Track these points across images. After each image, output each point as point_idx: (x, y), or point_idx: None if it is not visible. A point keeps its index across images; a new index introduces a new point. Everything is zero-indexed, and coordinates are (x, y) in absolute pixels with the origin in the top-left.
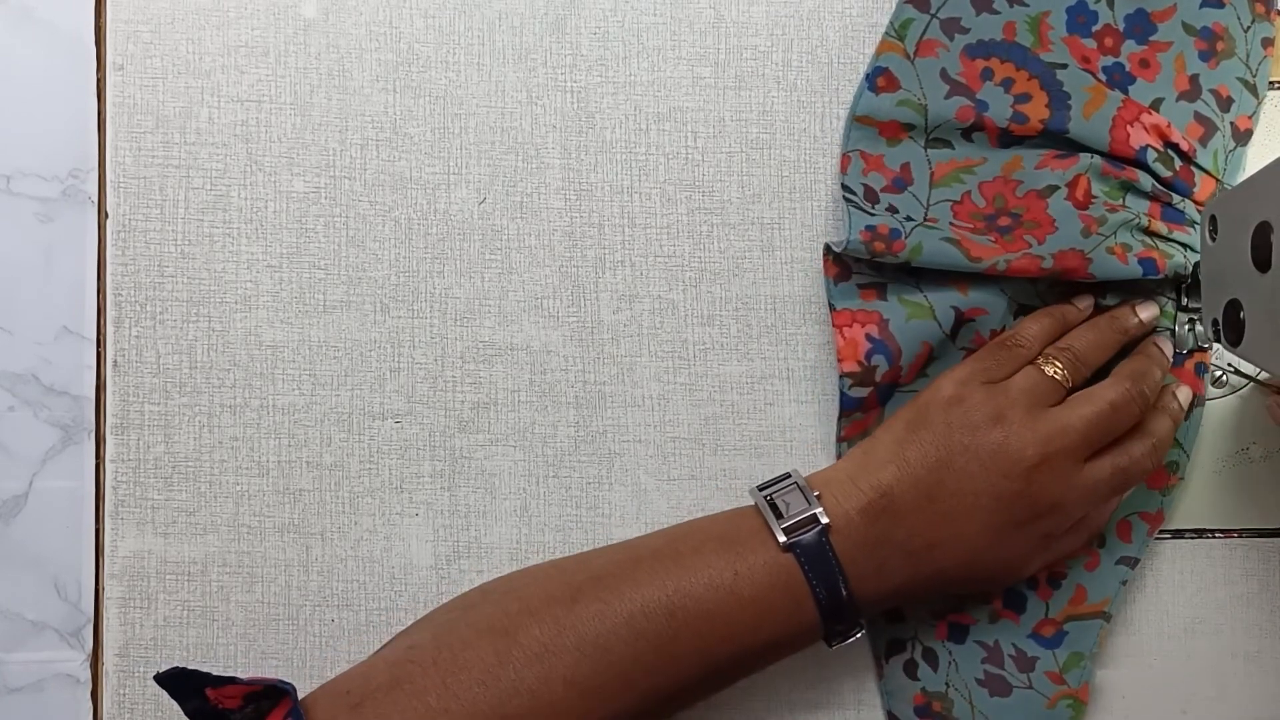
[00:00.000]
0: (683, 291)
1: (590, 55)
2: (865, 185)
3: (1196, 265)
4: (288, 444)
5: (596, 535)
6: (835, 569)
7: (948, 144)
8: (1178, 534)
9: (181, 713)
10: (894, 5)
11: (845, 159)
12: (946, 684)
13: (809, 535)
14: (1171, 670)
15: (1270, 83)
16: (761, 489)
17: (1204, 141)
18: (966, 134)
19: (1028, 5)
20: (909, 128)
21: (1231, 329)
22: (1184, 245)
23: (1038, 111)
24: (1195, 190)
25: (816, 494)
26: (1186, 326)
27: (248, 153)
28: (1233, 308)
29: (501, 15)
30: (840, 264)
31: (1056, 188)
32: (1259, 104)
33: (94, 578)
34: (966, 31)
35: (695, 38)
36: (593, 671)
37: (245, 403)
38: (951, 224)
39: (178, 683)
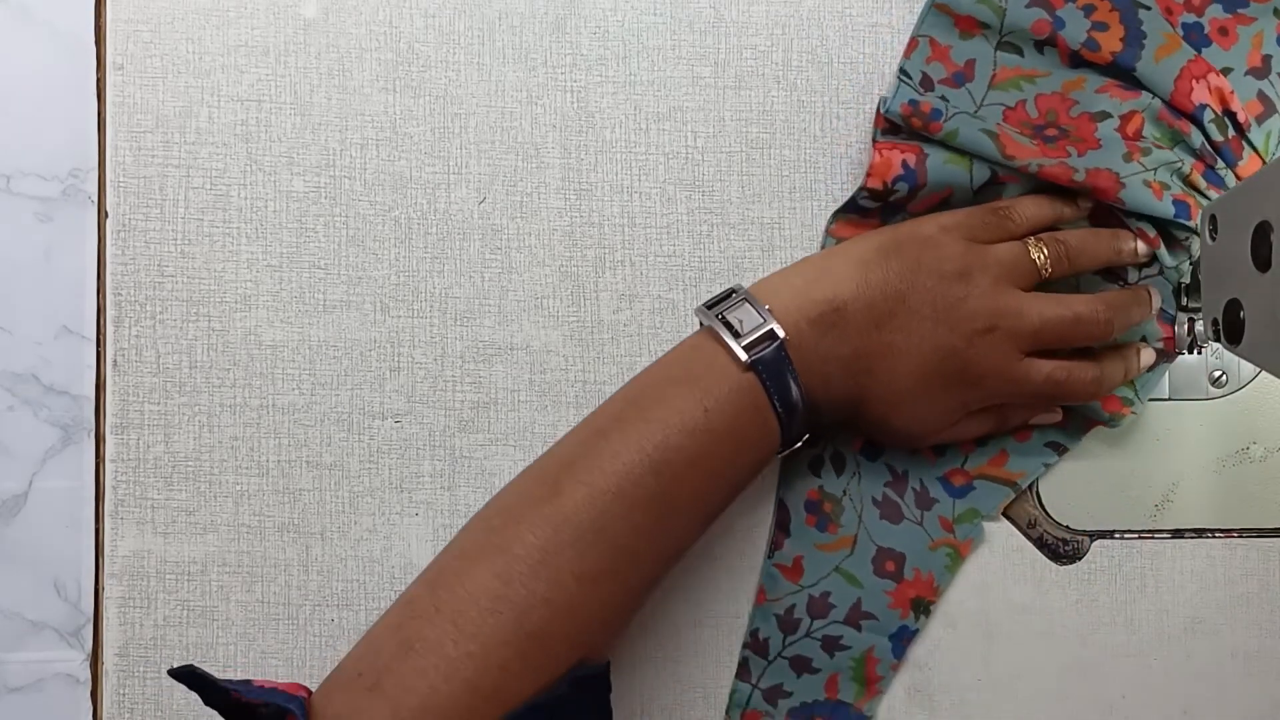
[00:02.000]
0: (683, 291)
1: (590, 55)
2: (924, 73)
3: (1196, 265)
4: (288, 444)
5: None
6: (792, 379)
7: (1018, 50)
8: (1177, 534)
9: (181, 713)
10: (894, 5)
11: (913, 42)
12: (844, 491)
13: (767, 350)
14: (1171, 670)
15: None
16: (710, 306)
17: (1260, 120)
18: (1038, 46)
19: None
20: (984, 26)
21: (1231, 329)
22: None
23: (1110, 43)
24: (1241, 164)
25: (767, 307)
26: (1186, 326)
27: (248, 153)
28: (1233, 308)
29: (501, 15)
30: (889, 121)
31: (1109, 115)
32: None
33: (94, 577)
34: None
35: (695, 38)
36: (598, 557)
37: (245, 403)
38: (998, 124)
39: (193, 680)
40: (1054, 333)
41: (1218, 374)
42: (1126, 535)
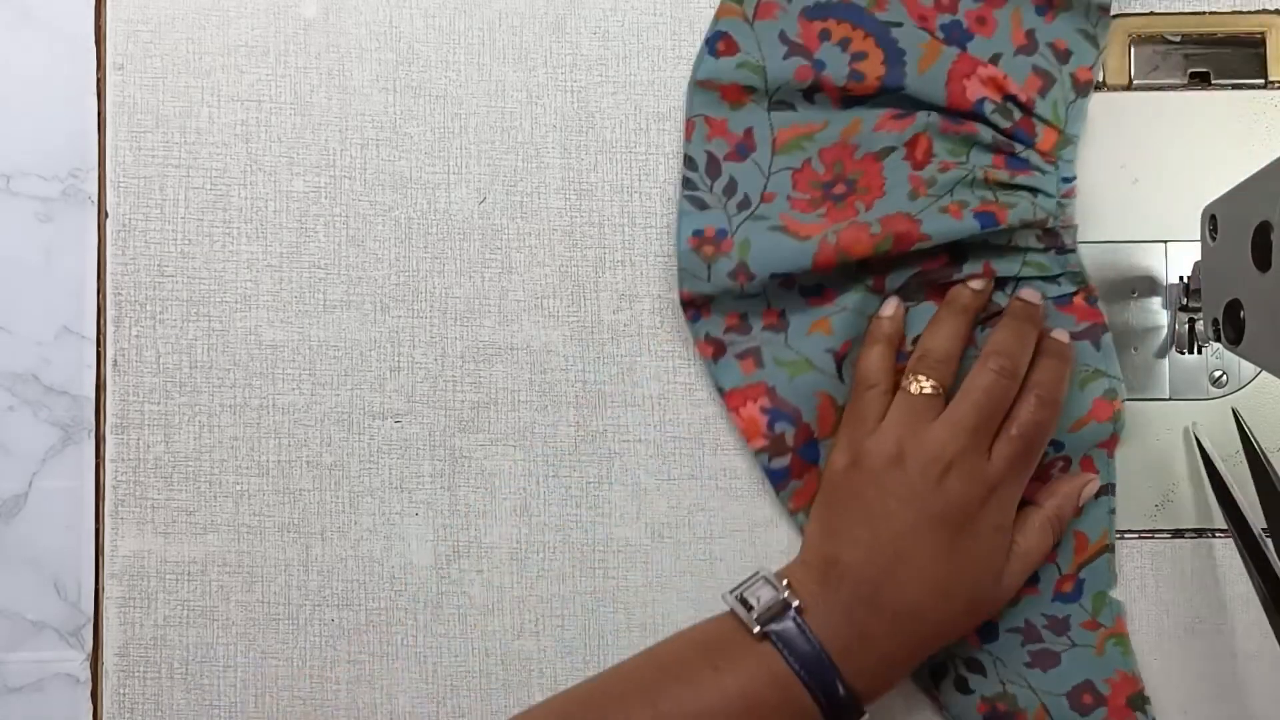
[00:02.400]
0: None
1: (590, 55)
2: (708, 153)
3: (1197, 264)
4: (288, 444)
5: (596, 535)
6: (816, 648)
7: (790, 106)
8: (1178, 534)
9: (181, 713)
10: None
11: (689, 124)
12: (1001, 683)
13: (784, 622)
14: (1171, 670)
15: (1270, 82)
16: (733, 590)
17: (1043, 93)
18: (808, 95)
19: None
20: (750, 90)
21: (1231, 329)
22: (1031, 190)
23: (874, 69)
24: (1038, 139)
25: (785, 582)
26: (1186, 326)
27: (248, 153)
28: (1233, 308)
29: (501, 15)
30: (710, 342)
31: (893, 149)
32: (1099, 53)
33: (94, 578)
34: None
35: (695, 38)
36: None
37: (245, 403)
38: (789, 197)
39: None
40: (985, 418)
41: (1218, 374)
42: (1126, 535)
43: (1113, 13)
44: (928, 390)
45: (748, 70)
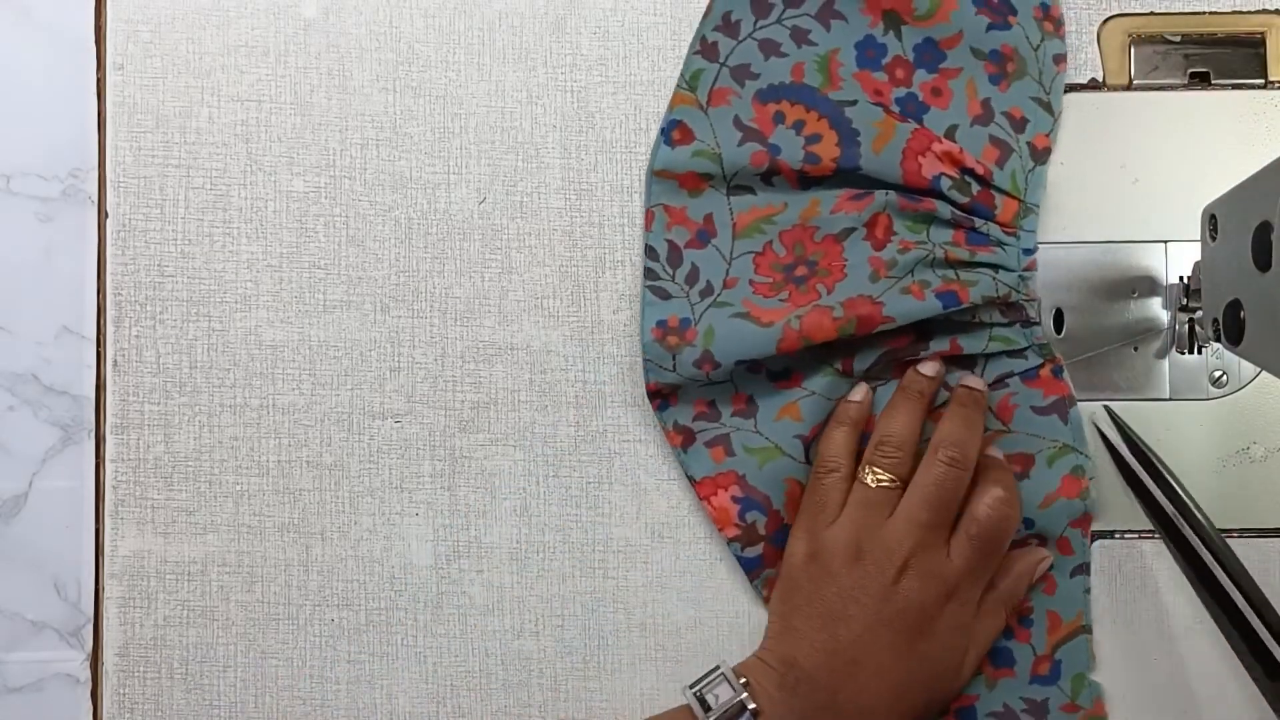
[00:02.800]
0: None
1: (590, 55)
2: (669, 241)
3: (1197, 264)
4: (288, 444)
5: (596, 535)
6: None
7: (749, 190)
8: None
9: (181, 713)
10: None
11: (649, 215)
12: None
13: None
14: (1171, 670)
15: (1270, 82)
16: (692, 686)
17: (1000, 164)
18: (765, 178)
19: (816, 44)
20: (708, 177)
21: (1231, 329)
22: (992, 266)
23: (829, 151)
24: (997, 211)
25: (743, 680)
26: (1186, 326)
27: (248, 153)
28: (1233, 308)
29: (501, 15)
30: (679, 430)
31: (853, 229)
32: (1055, 120)
33: (94, 578)
34: (757, 77)
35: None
36: None
37: (245, 403)
38: (751, 280)
39: None
40: (939, 510)
41: (1218, 374)
42: (1126, 535)
43: (1113, 12)
44: (884, 482)
45: (704, 158)
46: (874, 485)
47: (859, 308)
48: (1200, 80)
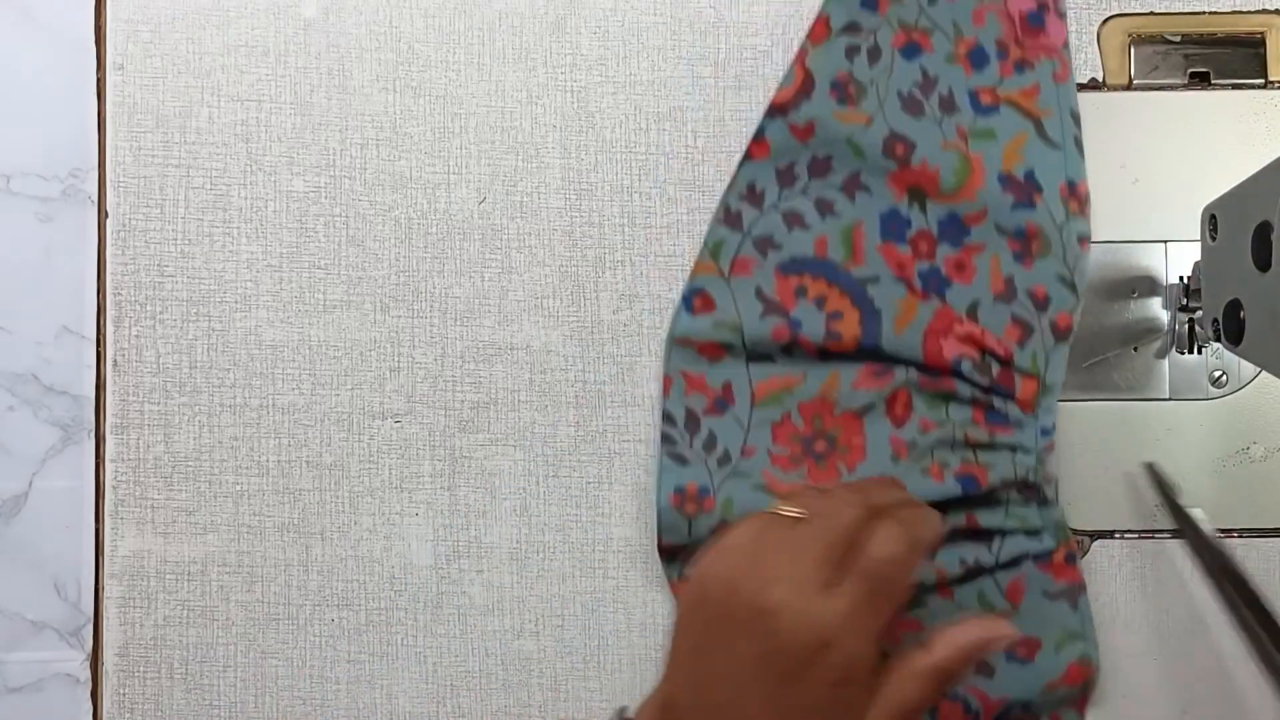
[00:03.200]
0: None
1: (590, 55)
2: (687, 408)
3: (1197, 264)
4: (288, 444)
5: (596, 535)
6: None
7: (769, 359)
8: (1177, 534)
9: (181, 713)
10: None
11: (667, 381)
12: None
13: None
14: (1171, 670)
15: (1270, 82)
16: None
17: (1021, 344)
18: (786, 350)
19: (840, 215)
20: (728, 347)
21: (1231, 329)
22: (1011, 448)
23: (850, 329)
24: (1016, 391)
25: None
26: (1186, 326)
27: (248, 153)
28: (1233, 308)
29: (501, 15)
30: (668, 551)
31: (873, 405)
32: (1079, 301)
33: (94, 578)
34: (779, 248)
35: (695, 38)
36: None
37: (245, 403)
38: (769, 451)
39: None
40: (824, 543)
41: (1218, 374)
42: (1126, 535)
43: (1113, 12)
44: (791, 514)
45: (725, 329)
46: (774, 512)
47: None
48: (1200, 80)
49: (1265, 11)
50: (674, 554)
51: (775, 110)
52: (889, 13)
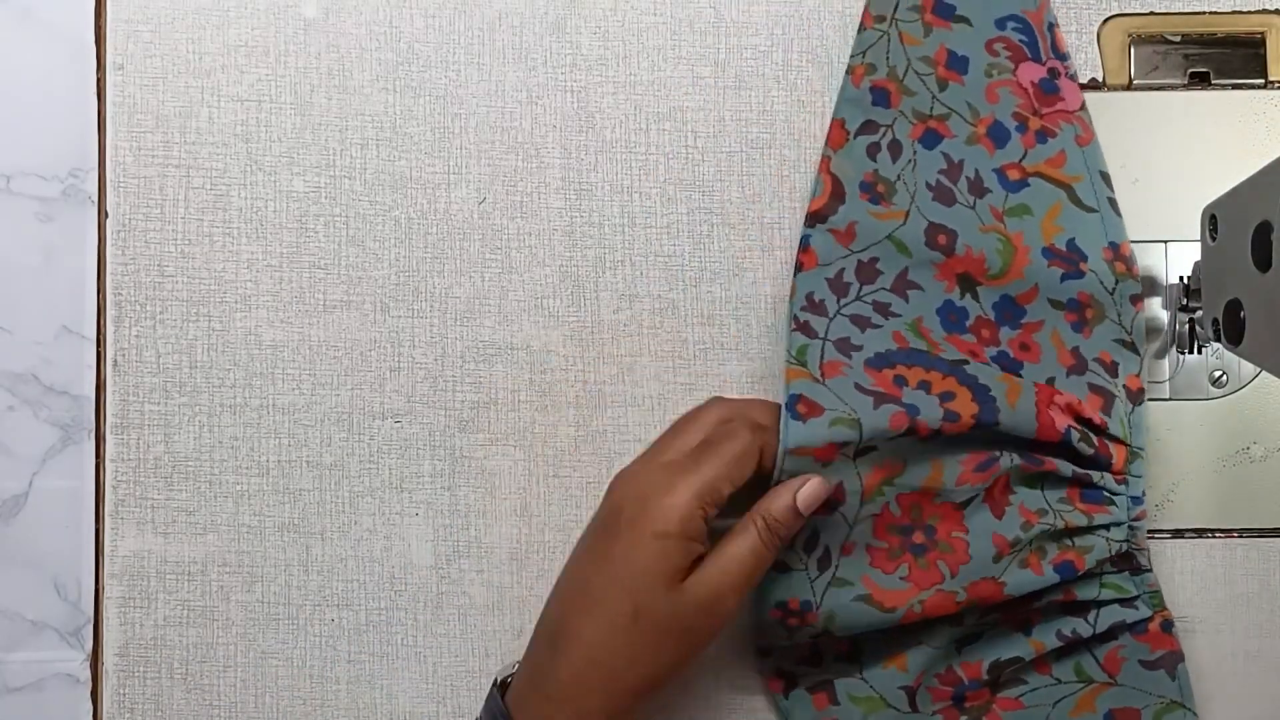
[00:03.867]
0: (683, 291)
1: (590, 55)
2: None
3: (1197, 264)
4: (288, 444)
5: None
6: (497, 702)
7: (874, 448)
8: (1177, 534)
9: (181, 713)
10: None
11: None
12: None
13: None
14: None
15: (1270, 82)
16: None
17: (1108, 411)
18: (895, 440)
19: (900, 315)
20: (844, 445)
21: (1231, 329)
22: (1107, 526)
23: (967, 408)
24: (1114, 460)
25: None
26: (1187, 326)
27: (248, 153)
28: (1233, 308)
29: (501, 15)
30: (781, 675)
31: (973, 497)
32: (1142, 360)
33: (94, 578)
34: (860, 348)
35: (695, 38)
36: None
37: (245, 403)
38: (868, 546)
39: None
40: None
41: (1218, 374)
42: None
43: (1113, 12)
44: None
45: (842, 425)
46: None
47: (981, 590)
48: (1200, 80)
49: (1265, 11)
50: (769, 652)
51: (813, 218)
52: (902, 104)
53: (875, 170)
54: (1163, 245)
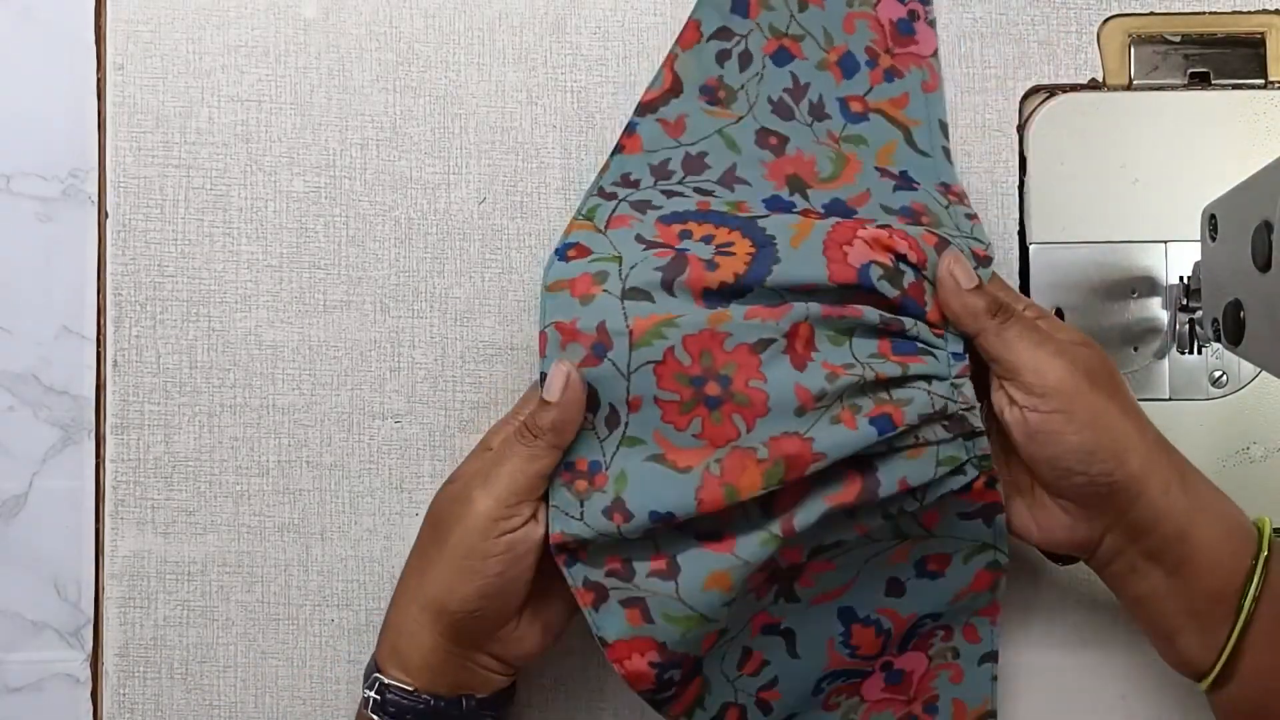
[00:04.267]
0: None
1: (590, 55)
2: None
3: (1197, 264)
4: (288, 444)
5: None
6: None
7: (647, 296)
8: None
9: (181, 713)
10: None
11: (541, 338)
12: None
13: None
14: (1172, 670)
15: (1270, 82)
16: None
17: (939, 249)
18: (667, 286)
19: (718, 195)
20: (602, 278)
21: (1231, 329)
22: (926, 378)
23: (743, 248)
24: (927, 308)
25: None
26: (1187, 326)
27: (248, 153)
28: (1233, 308)
29: (501, 15)
30: (590, 587)
31: (772, 340)
32: (989, 248)
33: (94, 578)
34: (659, 208)
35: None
36: None
37: (245, 403)
38: (656, 399)
39: None
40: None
41: (1218, 374)
42: None
43: (1113, 12)
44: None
45: (601, 262)
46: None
47: (785, 447)
48: (1200, 80)
49: (1265, 11)
50: (570, 551)
51: (645, 108)
52: (760, 18)
53: (720, 77)
54: (1163, 245)
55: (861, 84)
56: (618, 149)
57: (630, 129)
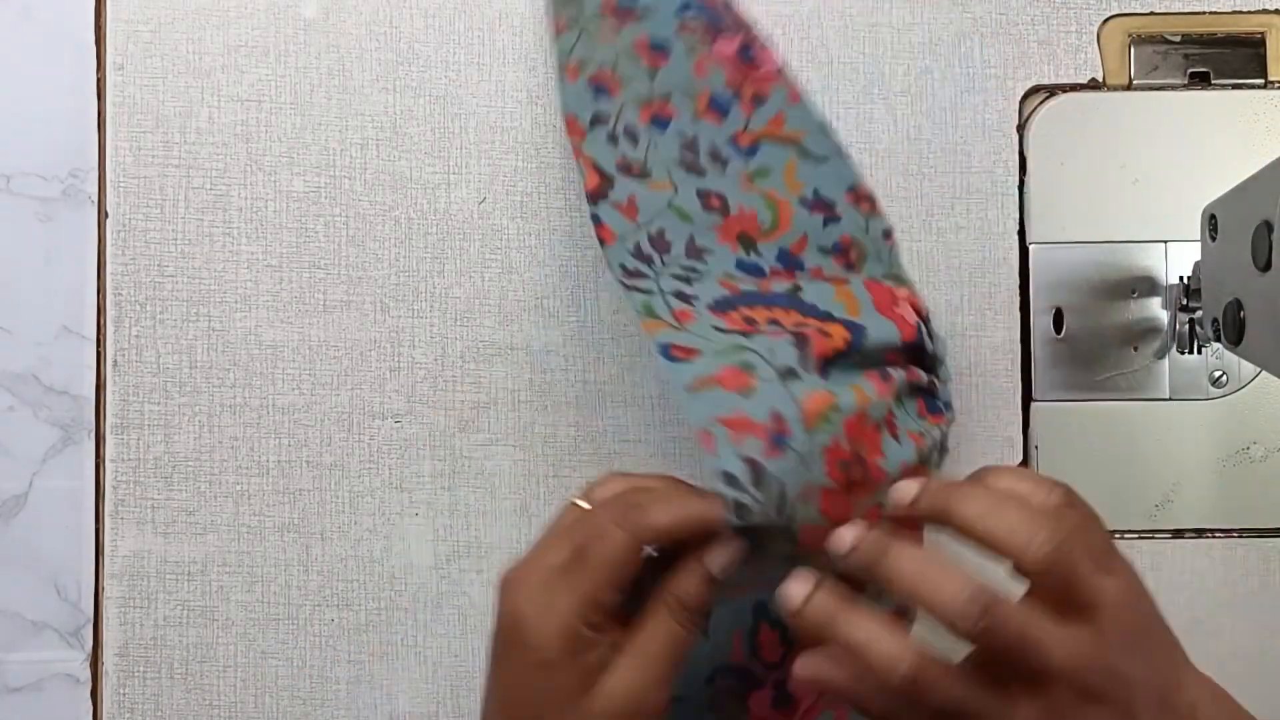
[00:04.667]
0: None
1: None
2: (744, 457)
3: (1197, 264)
4: (288, 444)
5: None
6: None
7: (796, 376)
8: (1178, 534)
9: (181, 713)
10: (894, 5)
11: (706, 436)
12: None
13: None
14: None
15: (1270, 82)
16: None
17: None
18: (804, 364)
19: (698, 270)
20: (747, 368)
21: (1231, 329)
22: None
23: (837, 330)
24: (941, 364)
25: None
26: (1187, 326)
27: (248, 153)
28: (1233, 308)
29: (501, 15)
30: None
31: (883, 415)
32: (910, 287)
33: (94, 578)
34: (697, 297)
35: None
36: None
37: (245, 403)
38: (823, 489)
39: None
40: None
41: (1218, 374)
42: (1126, 535)
43: (1113, 12)
44: (580, 506)
45: (726, 355)
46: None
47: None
48: (1200, 80)
49: (1265, 11)
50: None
51: (594, 196)
52: (622, 93)
53: (625, 156)
54: (1163, 245)
55: (738, 119)
56: (601, 243)
57: (596, 220)
